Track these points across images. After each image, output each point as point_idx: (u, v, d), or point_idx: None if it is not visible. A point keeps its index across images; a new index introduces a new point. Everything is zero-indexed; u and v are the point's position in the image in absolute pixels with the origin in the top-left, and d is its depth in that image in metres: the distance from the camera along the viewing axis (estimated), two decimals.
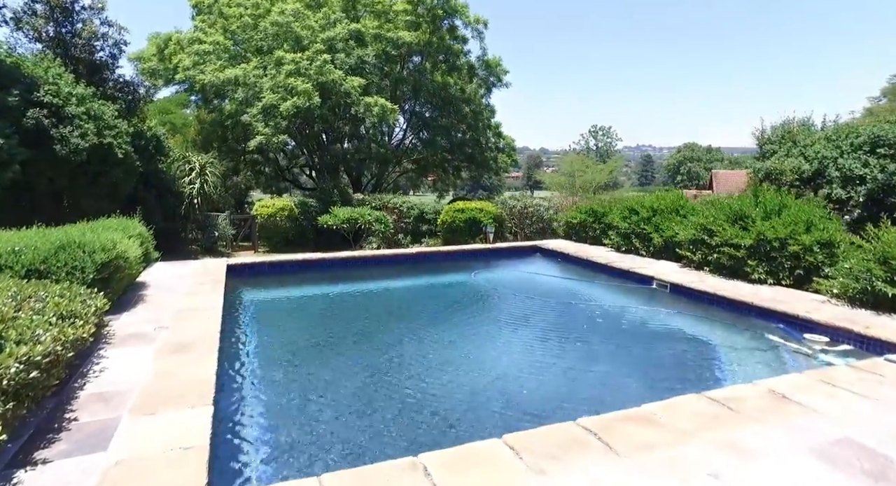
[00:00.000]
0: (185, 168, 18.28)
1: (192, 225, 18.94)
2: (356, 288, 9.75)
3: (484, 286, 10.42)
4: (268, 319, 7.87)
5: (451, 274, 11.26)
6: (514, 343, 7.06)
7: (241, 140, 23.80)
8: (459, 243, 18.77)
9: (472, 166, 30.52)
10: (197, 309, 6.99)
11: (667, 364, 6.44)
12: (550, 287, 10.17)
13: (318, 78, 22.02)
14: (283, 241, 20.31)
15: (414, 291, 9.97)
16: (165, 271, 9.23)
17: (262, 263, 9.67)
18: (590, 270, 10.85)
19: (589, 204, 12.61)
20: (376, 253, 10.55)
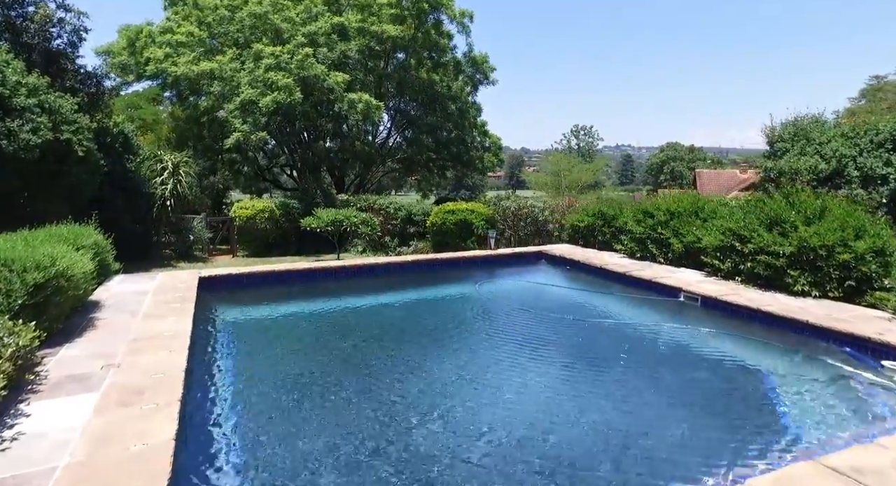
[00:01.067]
0: (157, 167, 16.77)
1: (165, 228, 17.45)
2: (348, 304, 8.36)
3: (491, 300, 9.17)
4: (246, 347, 6.46)
5: (453, 285, 9.93)
6: (537, 376, 5.85)
7: (219, 138, 22.25)
8: (450, 245, 17.57)
9: (457, 166, 29.33)
10: (159, 337, 5.67)
11: (722, 403, 5.23)
12: (565, 301, 8.99)
13: (300, 73, 20.60)
14: (263, 244, 18.90)
15: (413, 307, 8.65)
16: (126, 287, 7.81)
17: (241, 274, 8.36)
18: (605, 279, 9.56)
19: (597, 206, 11.49)
20: (369, 262, 9.26)
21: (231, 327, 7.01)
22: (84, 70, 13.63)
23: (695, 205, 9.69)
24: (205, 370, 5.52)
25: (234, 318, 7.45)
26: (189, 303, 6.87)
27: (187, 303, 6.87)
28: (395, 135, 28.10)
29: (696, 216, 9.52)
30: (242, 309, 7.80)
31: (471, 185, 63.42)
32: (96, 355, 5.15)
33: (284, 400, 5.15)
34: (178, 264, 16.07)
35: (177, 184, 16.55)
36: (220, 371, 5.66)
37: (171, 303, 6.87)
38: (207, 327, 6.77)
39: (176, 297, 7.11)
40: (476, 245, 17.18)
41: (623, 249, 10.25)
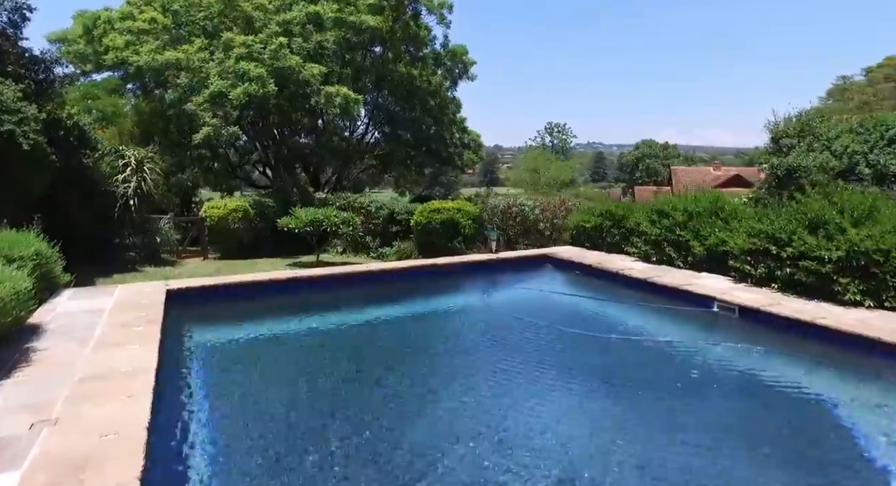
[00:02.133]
0: (119, 164, 15.13)
1: (129, 230, 15.82)
2: (340, 320, 7.32)
3: (502, 313, 8.06)
4: (224, 384, 5.21)
5: (458, 295, 8.95)
6: (569, 410, 4.78)
7: (187, 133, 20.58)
8: (435, 246, 16.44)
9: (436, 163, 28.17)
10: (115, 375, 4.40)
11: (799, 448, 4.28)
12: (585, 313, 7.98)
13: (274, 63, 19.12)
14: (236, 245, 17.41)
15: (416, 322, 7.51)
16: (77, 305, 6.45)
17: (216, 286, 7.06)
18: (623, 286, 8.54)
19: (604, 205, 10.48)
20: (360, 269, 8.03)
21: (207, 356, 5.69)
22: (30, 54, 11.96)
23: (714, 204, 8.78)
24: (175, 424, 4.21)
25: (211, 341, 6.11)
26: (154, 325, 5.59)
27: (152, 325, 5.58)
28: (372, 130, 26.75)
29: (716, 216, 8.63)
30: (219, 330, 6.45)
31: (445, 182, 62.39)
32: (25, 407, 3.86)
33: (280, 452, 3.96)
34: (143, 269, 14.52)
35: (141, 182, 14.96)
36: (196, 425, 4.33)
37: (133, 325, 5.57)
38: (178, 356, 5.45)
39: (138, 317, 5.81)
40: (463, 246, 16.09)
41: (636, 252, 9.28)
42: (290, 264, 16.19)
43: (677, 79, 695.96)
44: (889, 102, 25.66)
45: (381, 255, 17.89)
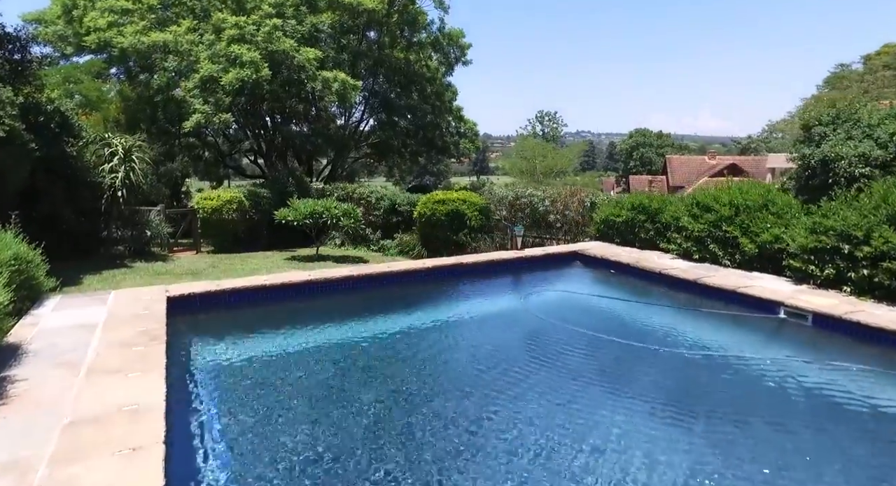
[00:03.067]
0: (105, 153, 13.93)
1: (117, 223, 14.67)
2: (365, 331, 6.20)
3: (542, 320, 6.85)
4: (243, 421, 4.12)
5: (492, 297, 8.03)
6: (665, 446, 3.93)
7: (175, 120, 19.33)
8: (439, 239, 15.53)
9: (432, 152, 27.14)
10: (114, 416, 3.46)
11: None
12: (632, 320, 6.99)
13: (267, 46, 17.91)
14: (230, 238, 16.35)
15: (451, 332, 6.46)
16: (65, 316, 5.43)
17: (221, 292, 6.09)
18: (668, 287, 7.66)
19: (636, 197, 9.59)
20: (381, 270, 7.07)
21: (223, 383, 4.65)
22: (2, 31, 10.72)
23: (765, 197, 7.97)
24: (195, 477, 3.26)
25: (224, 361, 5.09)
26: (157, 343, 4.63)
27: (155, 343, 4.62)
28: (368, 118, 25.61)
29: (766, 210, 7.81)
30: (232, 346, 5.47)
31: (436, 171, 61.21)
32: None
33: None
34: (133, 264, 13.43)
35: (129, 172, 13.79)
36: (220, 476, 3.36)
37: (132, 344, 4.61)
38: (188, 385, 4.46)
39: (137, 332, 4.85)
40: (469, 239, 15.21)
41: (675, 249, 8.42)
42: (287, 259, 15.18)
43: (667, 67, 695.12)
44: (890, 90, 25.18)
45: (382, 248, 16.94)
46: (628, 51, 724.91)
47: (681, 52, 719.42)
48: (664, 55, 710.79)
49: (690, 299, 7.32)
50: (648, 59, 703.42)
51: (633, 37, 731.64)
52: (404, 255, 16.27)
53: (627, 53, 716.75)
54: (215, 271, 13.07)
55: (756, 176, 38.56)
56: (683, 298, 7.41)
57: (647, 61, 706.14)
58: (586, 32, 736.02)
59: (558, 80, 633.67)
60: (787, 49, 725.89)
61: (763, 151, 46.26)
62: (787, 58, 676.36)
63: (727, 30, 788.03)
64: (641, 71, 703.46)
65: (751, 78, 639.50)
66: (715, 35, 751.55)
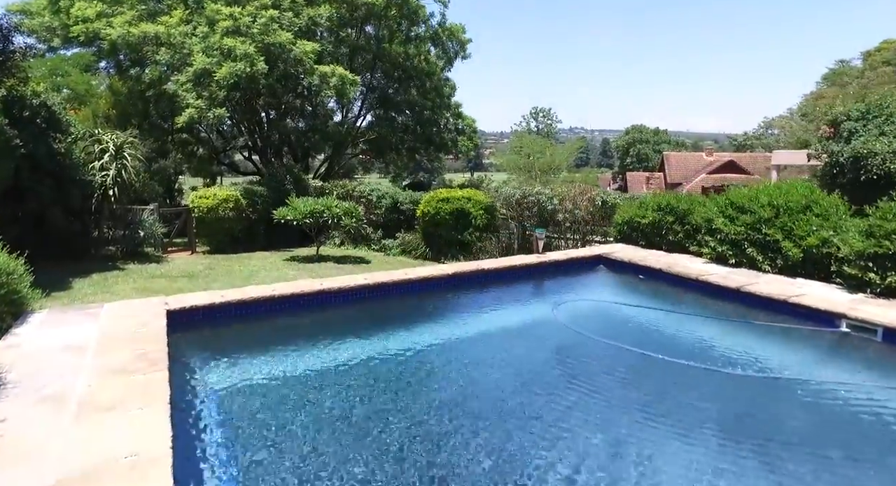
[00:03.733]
0: (95, 149, 13.23)
1: (109, 222, 13.98)
2: (388, 347, 5.48)
3: (577, 333, 6.06)
4: (268, 467, 3.43)
5: (517, 308, 7.30)
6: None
7: (168, 115, 18.59)
8: (443, 238, 15.00)
9: (430, 148, 26.52)
10: (111, 471, 2.88)
11: None
12: (674, 333, 6.29)
13: (263, 39, 17.20)
14: (227, 239, 15.70)
15: (479, 348, 5.73)
16: (51, 336, 4.72)
17: (227, 304, 5.43)
18: (703, 295, 7.02)
19: (663, 197, 8.98)
20: (398, 278, 6.47)
21: (238, 420, 4.02)
22: None
23: (807, 197, 7.41)
24: None
25: (236, 390, 4.44)
26: (158, 369, 4.03)
27: (155, 369, 4.01)
28: (366, 113, 24.93)
29: (810, 212, 7.25)
30: (244, 371, 4.75)
31: (430, 167, 60.42)
32: None
33: None
34: (126, 266, 12.77)
35: (121, 169, 13.10)
36: None
37: (129, 371, 3.99)
38: (196, 422, 3.90)
39: (135, 355, 4.24)
40: (475, 239, 14.67)
41: (708, 252, 7.82)
42: (287, 259, 14.57)
43: (660, 64, 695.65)
44: (891, 86, 24.85)
45: (384, 247, 16.38)
46: (621, 47, 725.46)
47: (673, 49, 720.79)
48: (657, 52, 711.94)
49: (735, 310, 6.66)
50: (641, 57, 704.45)
51: (625, 34, 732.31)
52: (407, 255, 15.71)
53: (620, 50, 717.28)
54: (212, 273, 12.44)
55: (754, 173, 38.33)
56: (726, 308, 6.75)
57: (640, 59, 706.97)
58: (578, 29, 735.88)
59: (550, 76, 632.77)
60: (780, 47, 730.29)
61: (759, 148, 46.08)
62: (779, 55, 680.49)
63: (720, 28, 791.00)
64: (634, 68, 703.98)
65: (742, 75, 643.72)
66: (707, 33, 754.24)
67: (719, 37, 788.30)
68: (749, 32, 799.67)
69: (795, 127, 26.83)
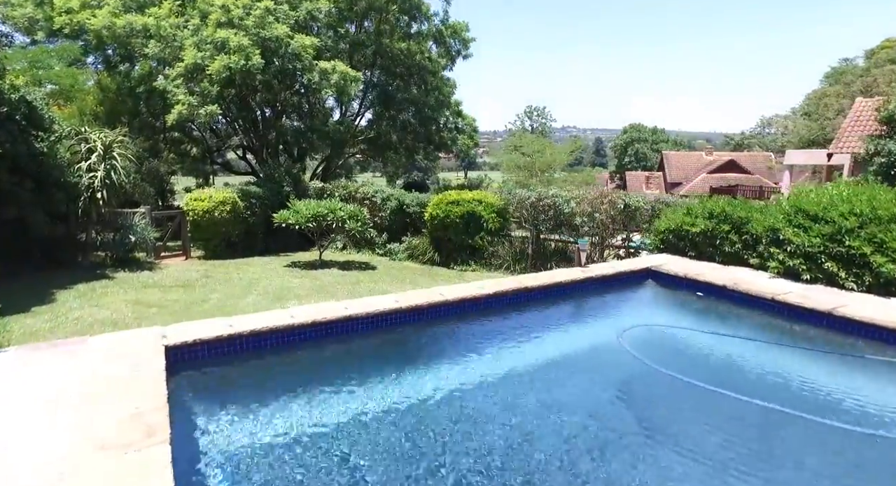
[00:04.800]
0: (82, 149, 12.16)
1: (97, 227, 12.91)
2: (432, 387, 4.43)
3: (650, 368, 4.97)
4: None
5: (572, 331, 6.20)
6: None
7: (159, 113, 17.49)
8: (453, 242, 14.11)
9: (429, 147, 25.59)
10: None
11: None
12: (768, 370, 5.08)
13: (259, 32, 16.16)
14: (223, 243, 14.68)
15: (536, 386, 4.62)
16: (17, 387, 3.60)
17: (238, 336, 4.37)
18: (784, 319, 5.89)
19: (715, 203, 7.96)
20: (432, 300, 5.43)
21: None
22: None
23: None
24: None
25: (258, 451, 3.42)
26: (158, 439, 3.01)
27: (154, 440, 3.01)
28: (364, 112, 23.92)
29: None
30: (264, 424, 3.70)
31: (423, 166, 59.39)
32: None
33: None
34: (115, 274, 11.74)
35: (110, 170, 12.04)
36: None
37: (119, 443, 2.96)
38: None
39: (127, 416, 3.22)
40: (487, 244, 13.79)
41: (775, 266, 6.82)
42: (287, 265, 13.60)
43: (653, 63, 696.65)
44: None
45: (390, 252, 15.44)
46: (613, 47, 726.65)
47: (665, 48, 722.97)
48: (650, 51, 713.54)
49: (827, 337, 5.54)
50: (633, 55, 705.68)
51: (617, 32, 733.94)
52: (414, 260, 14.80)
53: (612, 49, 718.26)
54: (209, 281, 11.44)
55: (755, 172, 37.84)
56: (817, 335, 5.64)
57: (632, 57, 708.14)
58: (572, 27, 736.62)
59: (543, 75, 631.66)
60: (770, 47, 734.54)
61: (756, 148, 45.59)
62: (771, 55, 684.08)
63: (713, 27, 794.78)
64: (625, 66, 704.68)
65: (732, 75, 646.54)
66: (698, 32, 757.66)
67: (708, 37, 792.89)
68: (739, 32, 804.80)
69: (800, 126, 26.22)
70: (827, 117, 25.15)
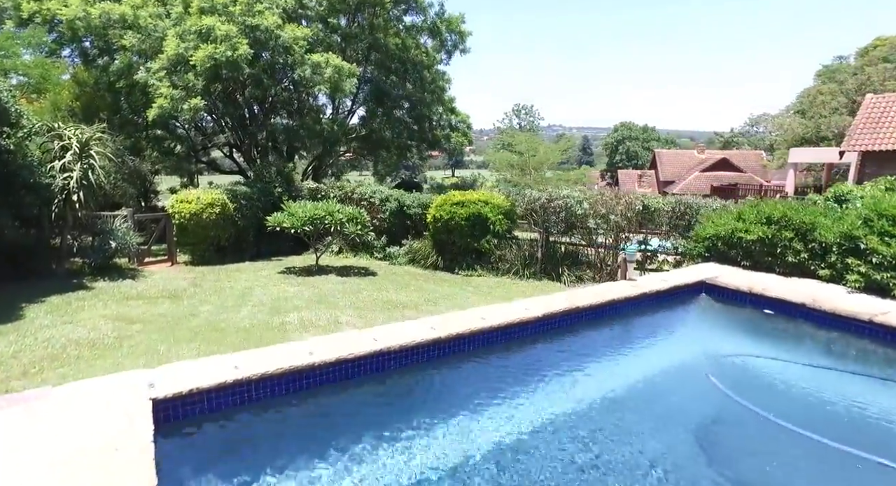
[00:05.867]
0: (55, 146, 10.95)
1: (74, 231, 11.70)
2: (482, 437, 3.50)
3: (748, 411, 3.99)
4: None
5: (642, 359, 5.16)
6: None
7: (141, 109, 16.23)
8: (457, 245, 13.19)
9: (423, 145, 24.59)
10: None
11: None
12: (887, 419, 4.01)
13: (247, 20, 15.00)
14: (212, 248, 13.55)
15: (610, 432, 3.75)
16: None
17: (244, 383, 3.51)
18: (885, 345, 4.88)
19: (772, 207, 6.97)
20: (474, 328, 4.43)
21: None
22: None
23: None
24: None
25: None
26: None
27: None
28: (357, 109, 22.80)
29: None
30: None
31: (411, 165, 58.22)
32: None
33: None
34: (94, 284, 10.58)
35: (87, 170, 10.84)
36: None
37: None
38: None
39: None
40: (493, 247, 12.88)
41: (855, 280, 5.95)
42: (282, 271, 12.55)
43: (638, 61, 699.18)
44: (890, 82, 24.00)
45: (389, 256, 14.45)
46: (602, 45, 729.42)
47: (656, 47, 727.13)
48: (637, 49, 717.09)
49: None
50: (622, 54, 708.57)
51: (606, 31, 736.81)
52: (415, 264, 13.82)
53: (601, 48, 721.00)
54: (199, 291, 10.34)
55: (746, 170, 37.50)
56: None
57: (621, 55, 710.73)
58: (559, 26, 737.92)
59: (529, 73, 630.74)
60: (753, 46, 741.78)
61: (745, 146, 45.34)
62: (752, 55, 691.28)
63: (698, 26, 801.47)
64: (614, 64, 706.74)
65: (717, 74, 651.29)
66: (683, 31, 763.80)
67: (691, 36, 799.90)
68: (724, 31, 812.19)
69: (794, 124, 25.77)
70: (822, 115, 24.77)
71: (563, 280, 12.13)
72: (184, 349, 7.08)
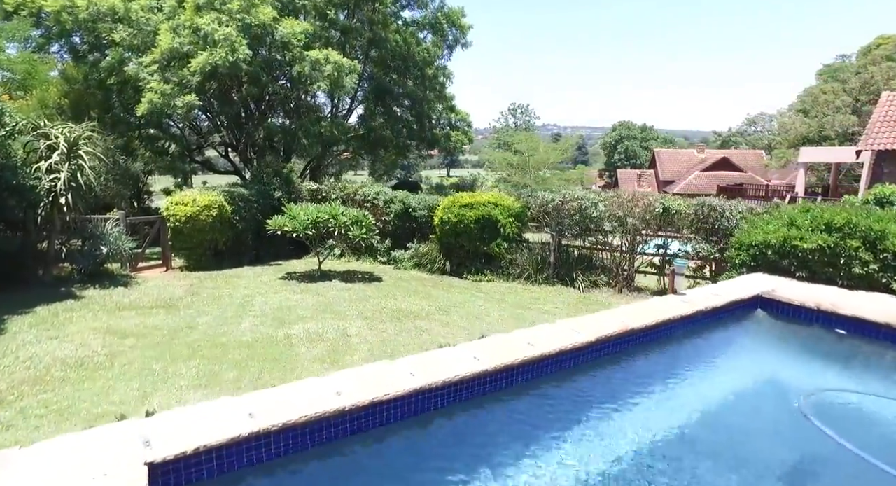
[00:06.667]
0: (41, 146, 10.19)
1: (62, 236, 10.92)
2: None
3: (855, 457, 3.24)
4: None
5: (715, 390, 4.43)
6: None
7: (133, 107, 15.42)
8: (465, 249, 12.55)
9: (422, 144, 23.87)
10: None
11: None
12: None
13: (244, 18, 14.25)
14: (209, 252, 12.80)
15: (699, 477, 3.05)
16: None
17: (262, 436, 2.90)
18: None
19: (830, 212, 6.23)
20: (523, 357, 3.69)
21: None
22: None
23: None
24: None
25: None
26: None
27: None
28: (356, 107, 22.06)
29: None
30: None
31: (406, 164, 57.42)
32: None
33: None
34: (83, 293, 9.85)
35: (76, 171, 10.08)
36: None
37: None
38: None
39: None
40: (504, 251, 12.24)
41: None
42: (282, 277, 11.84)
43: (634, 61, 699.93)
44: (895, 81, 23.58)
45: (394, 260, 13.76)
46: (596, 44, 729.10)
47: (649, 46, 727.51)
48: (631, 49, 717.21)
49: None
50: (616, 54, 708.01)
51: (599, 29, 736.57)
52: (421, 268, 13.14)
53: (595, 47, 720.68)
54: (196, 300, 9.62)
55: (747, 170, 37.10)
56: None
57: (616, 55, 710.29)
58: (552, 25, 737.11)
59: (524, 73, 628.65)
60: (751, 46, 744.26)
61: (743, 145, 44.95)
62: (752, 54, 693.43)
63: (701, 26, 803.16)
64: (608, 65, 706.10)
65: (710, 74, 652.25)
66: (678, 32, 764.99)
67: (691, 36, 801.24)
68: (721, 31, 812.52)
69: (797, 124, 25.32)
70: (825, 114, 24.34)
71: (577, 286, 11.52)
72: (181, 368, 6.39)
